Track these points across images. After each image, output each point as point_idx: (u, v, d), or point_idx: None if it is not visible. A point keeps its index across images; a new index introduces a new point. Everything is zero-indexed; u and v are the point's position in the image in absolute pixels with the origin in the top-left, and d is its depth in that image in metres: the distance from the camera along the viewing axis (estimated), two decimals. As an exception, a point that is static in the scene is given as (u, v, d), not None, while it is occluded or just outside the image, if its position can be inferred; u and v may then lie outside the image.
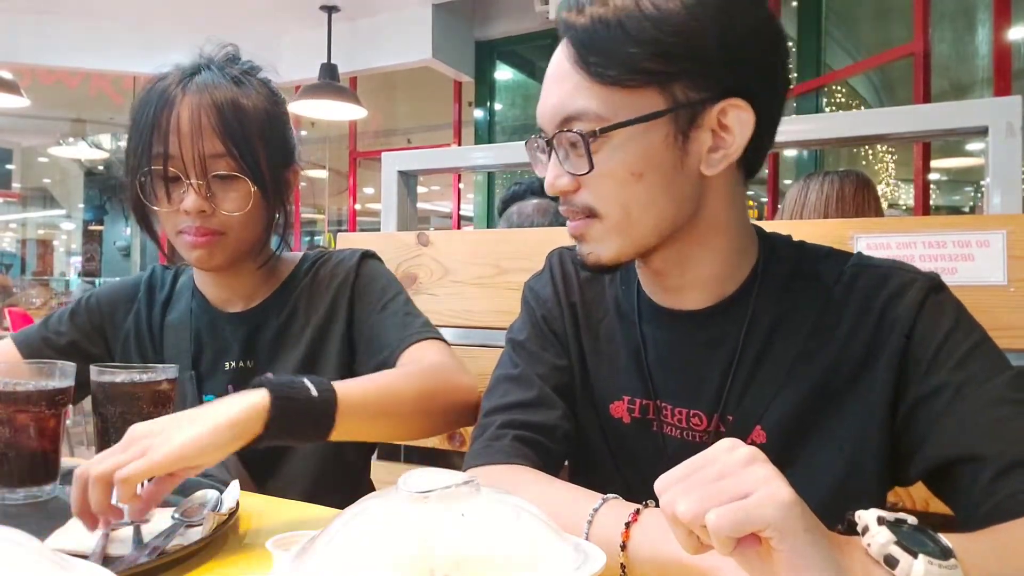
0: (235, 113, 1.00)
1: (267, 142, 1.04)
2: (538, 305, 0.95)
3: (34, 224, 13.93)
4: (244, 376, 1.10)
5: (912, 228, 1.11)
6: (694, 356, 0.82)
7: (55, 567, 0.51)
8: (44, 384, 0.87)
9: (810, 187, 1.94)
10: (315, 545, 0.58)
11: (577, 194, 0.75)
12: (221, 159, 0.99)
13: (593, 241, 0.77)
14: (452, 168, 1.97)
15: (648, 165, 0.72)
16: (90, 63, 6.04)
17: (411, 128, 8.82)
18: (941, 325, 0.73)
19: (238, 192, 1.01)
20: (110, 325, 1.19)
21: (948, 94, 4.56)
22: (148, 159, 0.99)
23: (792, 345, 0.78)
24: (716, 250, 0.79)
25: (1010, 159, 1.15)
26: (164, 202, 1.01)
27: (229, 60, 1.06)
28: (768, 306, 0.79)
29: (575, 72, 0.72)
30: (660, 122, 0.71)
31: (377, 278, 1.13)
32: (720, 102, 0.71)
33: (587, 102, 0.71)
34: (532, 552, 0.55)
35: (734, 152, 0.73)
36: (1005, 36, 3.41)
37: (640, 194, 0.73)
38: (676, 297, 0.82)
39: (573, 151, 0.74)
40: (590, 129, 0.71)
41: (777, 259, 0.81)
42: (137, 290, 1.21)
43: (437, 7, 5.52)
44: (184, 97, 0.99)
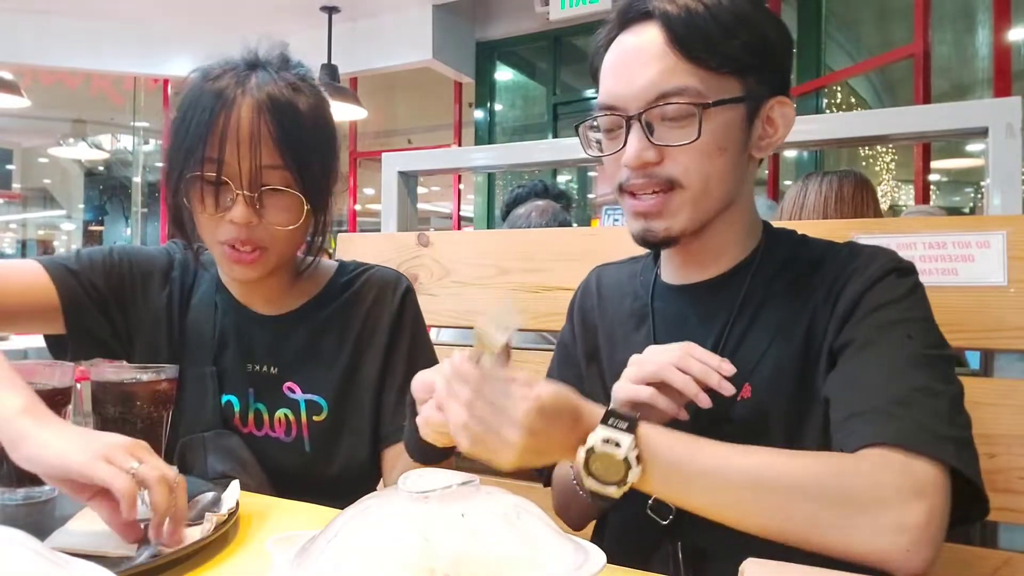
0: (294, 123, 0.95)
1: (321, 153, 0.99)
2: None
3: (34, 224, 13.92)
4: (266, 381, 1.06)
5: (912, 228, 1.11)
6: (695, 325, 0.90)
7: (55, 567, 0.51)
8: (44, 384, 0.87)
9: (809, 187, 1.94)
10: (315, 545, 0.58)
11: (660, 166, 0.82)
12: (276, 171, 0.94)
13: (669, 214, 0.84)
14: (452, 169, 1.97)
15: (729, 142, 0.82)
16: (90, 63, 6.04)
17: (411, 129, 8.82)
18: (887, 295, 0.79)
19: (288, 205, 0.96)
20: (141, 296, 1.08)
21: (948, 95, 4.56)
22: (199, 162, 0.93)
23: (778, 313, 0.85)
24: (737, 229, 0.89)
25: (1010, 160, 1.15)
26: (210, 208, 0.95)
27: (286, 60, 1.00)
28: (763, 279, 0.88)
29: (670, 53, 0.80)
30: (739, 106, 0.82)
31: (417, 321, 1.12)
32: (772, 98, 0.84)
33: (687, 80, 0.80)
34: (532, 552, 0.55)
35: (777, 141, 0.86)
36: (1005, 37, 3.42)
37: (720, 167, 0.82)
38: (688, 273, 0.92)
39: (671, 125, 0.81)
40: (702, 102, 0.79)
41: (777, 244, 0.91)
42: (171, 266, 1.11)
43: (438, 8, 5.53)
44: (243, 101, 0.93)
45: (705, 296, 0.90)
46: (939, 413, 0.69)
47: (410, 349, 1.09)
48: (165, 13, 5.67)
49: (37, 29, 5.74)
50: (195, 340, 1.08)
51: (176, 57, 5.96)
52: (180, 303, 1.10)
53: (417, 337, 1.11)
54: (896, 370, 0.73)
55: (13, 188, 12.12)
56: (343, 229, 8.75)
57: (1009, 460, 1.02)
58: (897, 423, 0.67)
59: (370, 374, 1.07)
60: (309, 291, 1.11)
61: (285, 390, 1.05)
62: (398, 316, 1.09)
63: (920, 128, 1.27)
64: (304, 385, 1.05)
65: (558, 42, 5.92)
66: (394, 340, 1.08)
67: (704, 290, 0.90)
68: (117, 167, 11.15)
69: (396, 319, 1.09)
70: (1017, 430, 1.02)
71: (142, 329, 1.08)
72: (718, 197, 0.84)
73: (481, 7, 6.00)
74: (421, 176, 1.79)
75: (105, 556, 0.67)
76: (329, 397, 1.05)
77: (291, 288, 1.10)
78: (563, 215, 2.19)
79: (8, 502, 0.84)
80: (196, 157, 0.93)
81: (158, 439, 0.96)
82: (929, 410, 0.69)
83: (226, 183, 0.93)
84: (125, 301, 1.08)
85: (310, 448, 1.04)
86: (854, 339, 0.78)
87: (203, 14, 5.58)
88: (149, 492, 0.69)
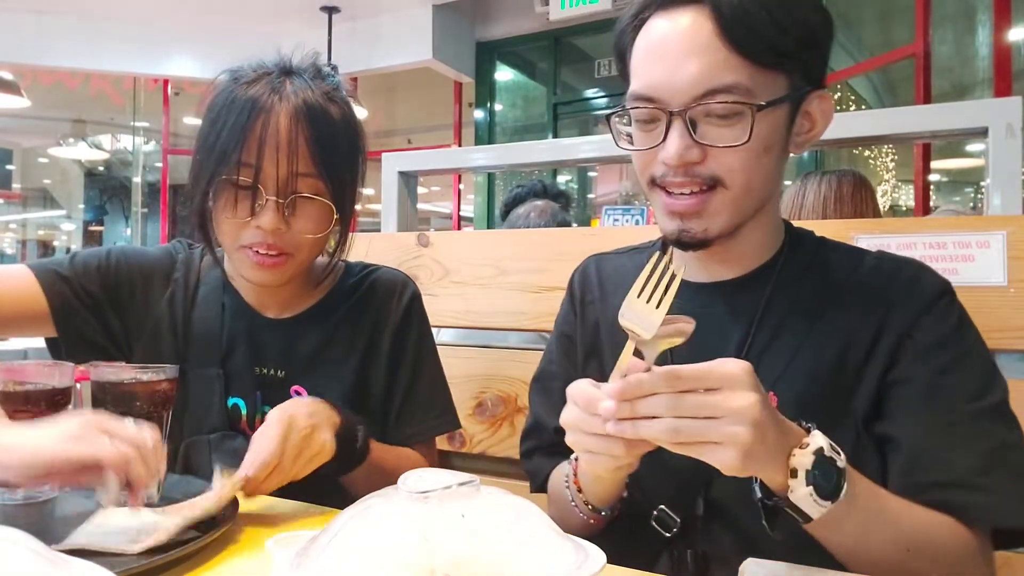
0: (330, 133, 0.95)
1: (351, 163, 0.99)
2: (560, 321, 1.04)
3: (34, 225, 13.92)
4: (274, 385, 1.05)
5: (912, 229, 1.11)
6: (714, 325, 0.85)
7: (55, 567, 0.51)
8: (44, 384, 0.87)
9: (807, 187, 1.93)
10: (315, 545, 0.58)
11: (702, 165, 0.77)
12: (310, 179, 0.94)
13: (708, 215, 0.79)
14: (452, 169, 1.97)
15: (774, 140, 0.78)
16: (90, 63, 6.05)
17: (411, 129, 8.83)
18: (942, 327, 0.78)
19: (317, 214, 0.96)
20: (141, 298, 1.06)
21: (948, 95, 4.56)
22: (234, 166, 0.92)
23: (807, 321, 0.82)
24: (764, 229, 0.85)
25: (1010, 160, 1.16)
26: (241, 213, 0.94)
27: (316, 71, 1.00)
28: (789, 282, 0.84)
29: (721, 45, 0.73)
30: (786, 104, 0.77)
31: (423, 326, 1.12)
32: (816, 92, 0.80)
33: (738, 76, 0.73)
34: (532, 552, 0.55)
35: (816, 136, 0.82)
36: (1005, 37, 3.42)
37: (765, 167, 0.78)
38: (707, 271, 0.88)
39: (718, 122, 0.75)
40: (751, 102, 0.73)
41: (802, 245, 0.88)
42: (172, 267, 1.09)
43: (438, 8, 5.53)
44: (280, 107, 0.93)
45: (728, 296, 0.86)
46: (1018, 473, 0.73)
47: (416, 355, 1.10)
48: (165, 13, 5.67)
49: (37, 29, 5.74)
50: (202, 342, 1.07)
51: (176, 57, 5.96)
52: (184, 304, 1.09)
53: (423, 342, 1.11)
54: (971, 427, 0.74)
55: (13, 188, 12.12)
56: (343, 229, 8.75)
57: (1009, 460, 1.02)
58: (988, 499, 0.72)
59: (377, 379, 1.08)
60: (316, 294, 1.11)
61: (292, 393, 1.05)
62: (403, 322, 1.09)
63: (920, 128, 1.27)
64: (311, 389, 1.05)
65: (558, 42, 5.92)
66: (399, 346, 1.09)
67: (727, 289, 0.86)
68: (117, 167, 11.15)
69: (401, 325, 1.09)
70: (1017, 430, 1.02)
71: (143, 331, 1.07)
72: (759, 197, 0.80)
73: (481, 7, 6.00)
74: (421, 176, 1.80)
75: (121, 553, 0.67)
76: (335, 401, 1.04)
77: (302, 291, 1.10)
78: (562, 215, 2.19)
79: (8, 502, 0.84)
80: (231, 160, 0.93)
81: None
82: (1010, 475, 0.73)
83: (258, 188, 0.93)
84: (123, 304, 1.06)
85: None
86: (912, 380, 0.76)
87: (203, 14, 5.59)
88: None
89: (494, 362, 1.38)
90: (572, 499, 0.84)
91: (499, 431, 1.35)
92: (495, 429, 1.36)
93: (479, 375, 1.39)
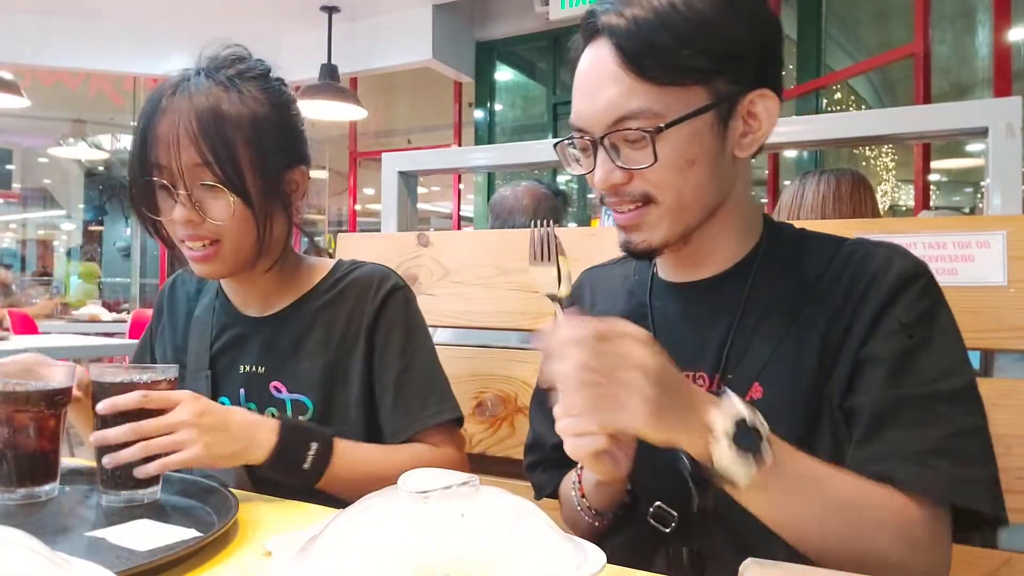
0: (215, 121, 0.97)
1: (256, 147, 1.01)
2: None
3: (34, 224, 13.92)
4: (255, 381, 1.08)
5: (912, 228, 1.11)
6: (697, 321, 0.87)
7: (55, 567, 0.51)
8: (44, 384, 0.87)
9: (806, 187, 1.93)
10: (315, 545, 0.58)
11: (630, 185, 0.80)
12: (202, 168, 0.97)
13: (647, 228, 0.82)
14: (452, 169, 1.97)
15: (699, 153, 0.79)
16: (90, 63, 6.04)
17: (411, 128, 8.82)
18: (917, 306, 0.78)
19: (223, 201, 0.99)
20: (167, 315, 1.21)
21: (948, 95, 4.56)
22: (143, 168, 0.99)
23: (788, 311, 0.83)
24: (734, 227, 0.87)
25: (1010, 160, 1.16)
26: (160, 212, 1.01)
27: (233, 61, 1.04)
28: (768, 276, 0.85)
29: (625, 75, 0.76)
30: (707, 115, 0.78)
31: (406, 317, 1.10)
32: (751, 93, 0.79)
33: (642, 102, 0.76)
34: (532, 552, 0.55)
35: (762, 136, 0.82)
36: (1005, 37, 3.42)
37: (693, 179, 0.79)
38: (687, 272, 0.89)
39: (630, 146, 0.79)
40: (654, 126, 0.76)
41: (780, 238, 0.89)
42: (184, 278, 1.24)
43: (437, 8, 5.52)
44: (170, 105, 0.98)
45: (708, 293, 0.88)
46: (970, 457, 0.74)
47: (401, 346, 1.08)
48: (165, 13, 5.67)
49: (37, 29, 5.74)
50: (196, 346, 1.14)
51: (176, 57, 5.94)
52: (186, 310, 1.18)
53: (410, 333, 1.10)
54: (930, 412, 0.74)
55: (13, 188, 12.12)
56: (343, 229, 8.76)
57: (1009, 460, 1.02)
58: (933, 474, 0.72)
59: (355, 374, 1.07)
60: (298, 291, 1.12)
61: (272, 389, 1.07)
62: (377, 314, 1.08)
63: (920, 128, 1.27)
64: (289, 384, 1.06)
65: (558, 42, 5.92)
66: (376, 339, 1.08)
67: (706, 287, 0.88)
68: (117, 167, 11.14)
69: (375, 318, 1.08)
70: (1017, 430, 1.02)
71: (161, 341, 1.19)
72: (698, 207, 0.82)
73: (481, 7, 6.00)
74: (421, 176, 1.80)
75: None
76: (314, 397, 1.06)
77: (281, 289, 1.12)
78: (554, 200, 2.13)
79: (8, 502, 0.84)
80: (140, 163, 0.99)
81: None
82: (961, 459, 0.73)
83: (165, 185, 0.99)
84: (154, 333, 1.22)
85: None
86: (880, 357, 0.77)
87: (203, 14, 5.58)
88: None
89: (494, 362, 1.38)
90: (578, 504, 0.88)
91: (499, 431, 1.35)
92: (495, 429, 1.36)
93: (479, 375, 1.39)
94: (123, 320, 5.87)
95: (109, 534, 0.74)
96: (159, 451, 0.83)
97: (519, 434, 1.32)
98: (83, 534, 0.75)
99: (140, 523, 0.78)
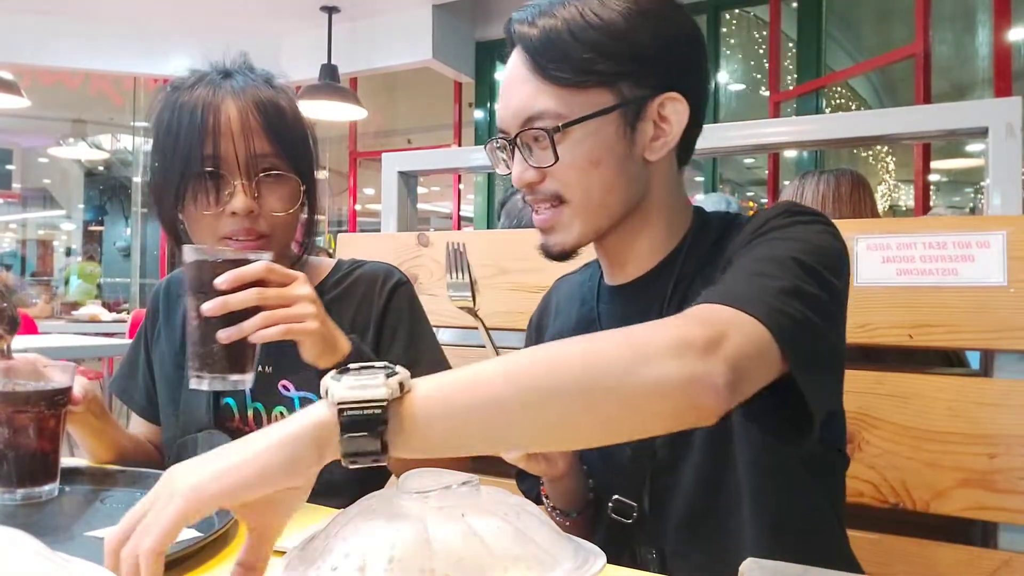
0: (278, 113, 1.01)
1: (303, 142, 1.05)
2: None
3: (34, 224, 13.91)
4: (262, 380, 1.05)
5: (912, 229, 1.11)
6: (632, 321, 0.83)
7: (55, 567, 0.51)
8: (44, 384, 0.87)
9: (805, 186, 1.93)
10: (315, 545, 0.58)
11: (543, 184, 0.84)
12: (269, 158, 0.99)
13: (560, 229, 0.85)
14: (452, 169, 1.97)
15: (604, 154, 0.82)
16: (90, 63, 6.04)
17: (411, 129, 8.82)
18: (769, 225, 0.76)
19: (284, 191, 1.01)
20: (163, 317, 1.18)
21: (948, 95, 4.57)
22: (197, 161, 0.96)
23: (702, 290, 0.78)
24: (656, 227, 0.88)
25: (1010, 160, 1.16)
26: (213, 205, 0.98)
27: (249, 68, 1.06)
28: (692, 265, 0.86)
29: (532, 77, 0.81)
30: (611, 116, 0.81)
31: (411, 312, 1.11)
32: (659, 96, 0.82)
33: (547, 103, 0.81)
34: (532, 552, 0.55)
35: (672, 139, 0.83)
36: (1005, 37, 3.42)
37: (599, 179, 0.82)
38: (621, 272, 0.91)
39: (537, 146, 0.83)
40: (553, 125, 0.80)
41: (706, 229, 0.89)
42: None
43: (437, 8, 5.52)
44: (227, 99, 0.98)
45: (638, 293, 0.90)
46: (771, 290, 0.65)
47: (407, 343, 1.08)
48: (165, 13, 5.67)
49: (37, 29, 5.74)
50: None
51: (176, 57, 5.95)
52: (184, 311, 1.13)
53: (415, 328, 1.10)
54: (751, 271, 0.69)
55: (13, 188, 12.11)
56: (343, 229, 8.76)
57: (1009, 460, 1.02)
58: (722, 289, 0.66)
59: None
60: None
61: (280, 388, 1.06)
62: (384, 309, 1.09)
63: (920, 128, 1.27)
64: (297, 383, 1.05)
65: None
66: (383, 334, 1.08)
67: (638, 287, 0.90)
68: (117, 167, 11.14)
69: (382, 312, 1.09)
70: (1017, 430, 1.02)
71: (159, 343, 1.16)
72: (608, 206, 0.84)
73: (481, 7, 6.00)
74: (421, 176, 1.80)
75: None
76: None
77: None
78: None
79: (8, 502, 0.84)
80: (193, 157, 0.96)
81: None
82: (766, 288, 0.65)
83: (223, 176, 0.97)
84: (149, 337, 1.19)
85: None
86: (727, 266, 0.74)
87: (203, 14, 5.58)
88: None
89: (494, 362, 1.38)
90: (546, 504, 0.92)
91: (499, 431, 1.35)
92: (495, 429, 1.36)
93: (479, 375, 1.39)
94: (123, 320, 5.87)
95: (109, 534, 0.74)
96: (282, 321, 0.82)
97: (519, 434, 1.32)
98: (83, 534, 0.75)
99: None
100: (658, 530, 0.84)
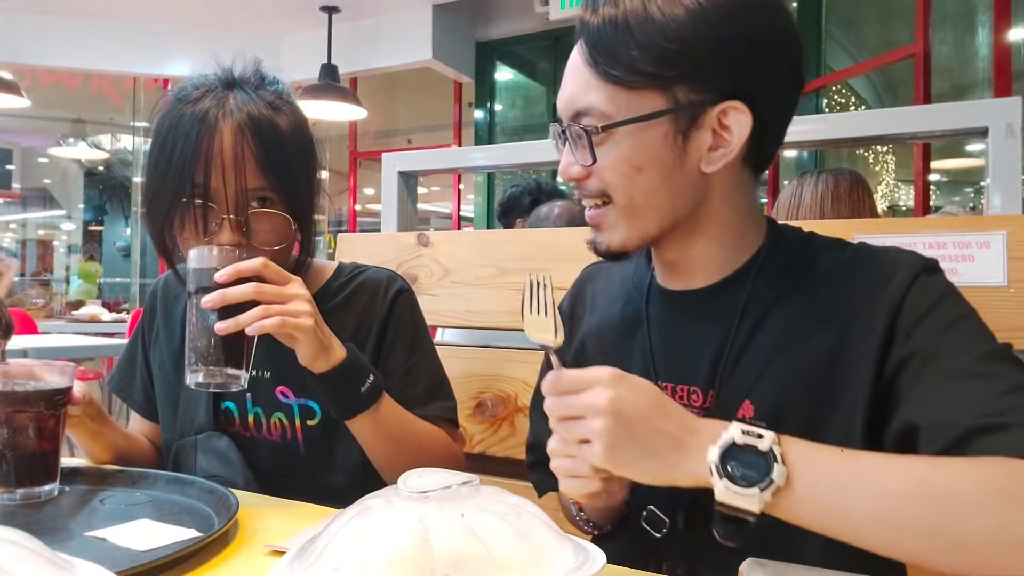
0: (277, 144, 0.96)
1: (303, 169, 1.01)
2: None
3: (34, 224, 13.91)
4: (261, 386, 1.06)
5: (912, 228, 1.11)
6: (693, 333, 0.84)
7: (55, 567, 0.51)
8: (43, 384, 0.87)
9: (804, 186, 1.93)
10: (315, 545, 0.58)
11: (588, 180, 0.80)
12: (261, 192, 0.96)
13: (607, 227, 0.81)
14: (452, 169, 1.97)
15: (647, 160, 0.76)
16: (90, 63, 6.04)
17: (411, 128, 8.82)
18: (926, 299, 0.73)
19: (275, 226, 0.97)
20: (162, 319, 1.16)
21: (948, 95, 4.56)
22: (188, 189, 0.93)
23: (785, 323, 0.78)
24: (715, 240, 0.82)
25: (1010, 160, 1.16)
26: (200, 235, 0.95)
27: (259, 79, 1.02)
28: (766, 287, 0.81)
29: (586, 69, 0.77)
30: (660, 121, 0.75)
31: (412, 321, 1.11)
32: (720, 104, 0.75)
33: (594, 99, 0.76)
34: (532, 552, 0.55)
35: (732, 151, 0.76)
36: (1005, 37, 3.42)
37: (641, 186, 0.77)
38: (681, 279, 0.86)
39: (580, 143, 0.78)
40: (594, 125, 0.76)
41: (782, 245, 0.84)
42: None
43: (437, 8, 5.52)
44: (225, 123, 0.94)
45: (703, 303, 0.84)
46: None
47: (408, 351, 1.08)
48: (165, 13, 5.67)
49: (37, 29, 5.74)
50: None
51: (176, 57, 5.95)
52: (183, 312, 1.11)
53: (415, 338, 1.10)
54: (980, 375, 0.67)
55: (13, 188, 12.11)
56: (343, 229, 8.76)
57: (1009, 460, 1.02)
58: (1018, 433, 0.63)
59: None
60: None
61: (278, 394, 1.05)
62: (387, 318, 1.08)
63: (920, 128, 1.27)
64: (296, 389, 1.05)
65: (558, 42, 5.91)
66: (384, 342, 1.08)
67: (702, 297, 0.84)
68: (117, 167, 11.14)
69: (385, 321, 1.08)
70: (1017, 430, 1.02)
71: (157, 344, 1.15)
72: (655, 213, 0.78)
73: (481, 7, 6.00)
74: (421, 176, 1.80)
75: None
76: (322, 402, 1.04)
77: None
78: (582, 215, 2.27)
79: (8, 502, 0.84)
80: (184, 183, 0.94)
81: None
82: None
83: (212, 208, 0.94)
84: (147, 337, 1.18)
85: (305, 452, 1.04)
86: (914, 353, 0.71)
87: (203, 14, 5.58)
88: None
89: (494, 362, 1.38)
90: (576, 516, 0.88)
91: (499, 431, 1.35)
92: (495, 429, 1.36)
93: (479, 375, 1.39)
94: (123, 320, 5.87)
95: (109, 534, 0.74)
96: (278, 315, 0.84)
97: (519, 434, 1.32)
98: (83, 534, 0.75)
99: (140, 523, 0.78)
100: (691, 544, 0.80)
